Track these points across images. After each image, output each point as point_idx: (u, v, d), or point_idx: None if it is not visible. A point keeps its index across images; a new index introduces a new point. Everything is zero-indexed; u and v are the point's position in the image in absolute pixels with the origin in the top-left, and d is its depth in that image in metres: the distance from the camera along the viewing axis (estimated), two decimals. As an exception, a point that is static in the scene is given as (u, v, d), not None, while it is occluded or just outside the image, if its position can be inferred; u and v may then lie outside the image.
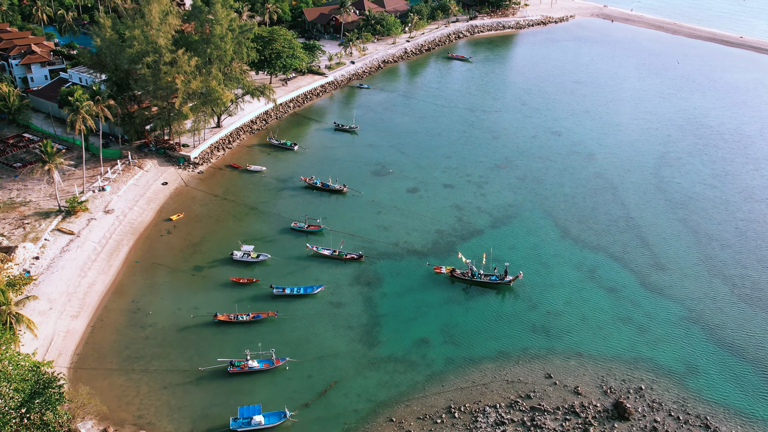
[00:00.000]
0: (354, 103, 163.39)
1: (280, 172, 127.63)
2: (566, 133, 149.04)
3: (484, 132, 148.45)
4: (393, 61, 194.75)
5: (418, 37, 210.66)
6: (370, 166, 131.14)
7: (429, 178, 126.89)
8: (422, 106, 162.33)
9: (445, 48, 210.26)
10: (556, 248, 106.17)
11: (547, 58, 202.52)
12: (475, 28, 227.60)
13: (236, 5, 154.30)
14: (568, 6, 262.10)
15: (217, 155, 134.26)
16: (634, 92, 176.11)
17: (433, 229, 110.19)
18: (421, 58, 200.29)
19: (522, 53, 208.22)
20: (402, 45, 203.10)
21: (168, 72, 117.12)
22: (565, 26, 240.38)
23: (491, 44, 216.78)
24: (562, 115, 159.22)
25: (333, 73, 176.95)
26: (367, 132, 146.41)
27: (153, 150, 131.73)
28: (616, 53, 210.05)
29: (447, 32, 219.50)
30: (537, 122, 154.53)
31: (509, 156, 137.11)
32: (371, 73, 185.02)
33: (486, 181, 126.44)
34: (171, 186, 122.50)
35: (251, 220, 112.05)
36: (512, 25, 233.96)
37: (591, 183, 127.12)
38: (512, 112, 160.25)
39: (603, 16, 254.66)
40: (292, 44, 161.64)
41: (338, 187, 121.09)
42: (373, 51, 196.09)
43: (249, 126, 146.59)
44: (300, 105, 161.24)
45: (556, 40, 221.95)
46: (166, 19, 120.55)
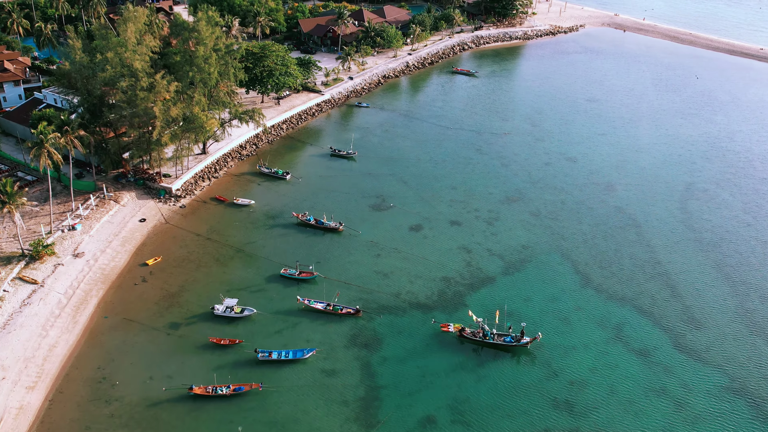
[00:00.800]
0: (352, 124, 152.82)
1: (270, 206, 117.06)
2: (582, 160, 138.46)
3: (493, 158, 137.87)
4: (394, 76, 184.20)
5: (421, 49, 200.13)
6: (369, 198, 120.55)
7: (433, 213, 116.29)
8: (425, 127, 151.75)
9: (449, 61, 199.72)
10: (577, 300, 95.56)
11: (557, 73, 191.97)
12: (481, 39, 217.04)
13: (222, 21, 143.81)
14: (577, 15, 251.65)
15: (201, 186, 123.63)
16: (653, 112, 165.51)
17: (438, 276, 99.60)
18: (423, 73, 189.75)
19: (530, 67, 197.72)
20: (403, 58, 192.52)
21: (145, 98, 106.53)
22: (575, 37, 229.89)
23: (498, 57, 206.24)
24: (577, 138, 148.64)
25: (330, 91, 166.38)
26: (366, 158, 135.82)
27: (131, 181, 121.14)
28: (630, 67, 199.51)
29: (451, 44, 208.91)
30: (549, 147, 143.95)
31: (521, 187, 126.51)
32: (371, 89, 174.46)
33: (496, 217, 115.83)
34: (149, 223, 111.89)
35: (237, 264, 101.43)
36: (519, 35, 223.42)
37: (612, 219, 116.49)
38: (522, 134, 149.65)
39: (614, 25, 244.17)
40: (285, 61, 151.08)
41: (333, 225, 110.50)
42: (372, 65, 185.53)
43: (238, 152, 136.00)
44: (294, 126, 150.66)
45: (567, 53, 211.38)
46: (143, 39, 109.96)
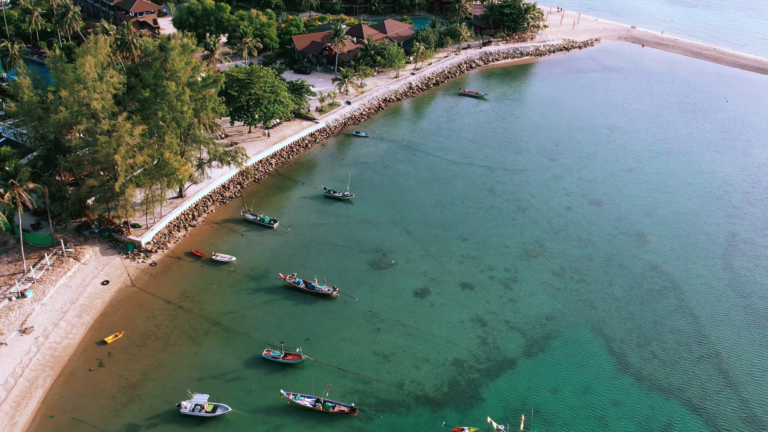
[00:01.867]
0: (349, 157, 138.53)
1: (253, 264, 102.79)
2: (607, 203, 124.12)
3: (508, 201, 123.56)
4: (395, 99, 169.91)
5: (425, 68, 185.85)
6: (367, 253, 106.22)
7: (441, 272, 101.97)
8: (430, 162, 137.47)
9: (455, 81, 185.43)
10: (613, 391, 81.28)
11: (573, 95, 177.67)
12: (489, 55, 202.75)
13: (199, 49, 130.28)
14: (591, 27, 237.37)
15: (176, 237, 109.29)
16: (682, 142, 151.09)
17: (449, 358, 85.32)
18: (428, 95, 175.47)
19: (544, 88, 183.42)
20: (406, 79, 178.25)
21: (106, 143, 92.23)
22: (590, 52, 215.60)
23: (508, 76, 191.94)
24: (600, 175, 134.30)
25: (325, 118, 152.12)
26: (364, 201, 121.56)
27: (96, 232, 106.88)
28: (653, 88, 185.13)
29: (457, 61, 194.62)
30: (570, 186, 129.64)
31: (540, 238, 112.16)
32: (370, 115, 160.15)
33: (514, 278, 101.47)
34: (113, 286, 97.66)
35: (211, 343, 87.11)
36: (531, 51, 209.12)
37: (647, 280, 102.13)
38: (539, 170, 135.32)
39: (632, 39, 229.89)
40: (274, 87, 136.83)
41: (326, 290, 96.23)
42: (372, 87, 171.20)
43: (220, 193, 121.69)
44: (284, 161, 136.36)
45: (582, 71, 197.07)
46: (104, 74, 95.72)
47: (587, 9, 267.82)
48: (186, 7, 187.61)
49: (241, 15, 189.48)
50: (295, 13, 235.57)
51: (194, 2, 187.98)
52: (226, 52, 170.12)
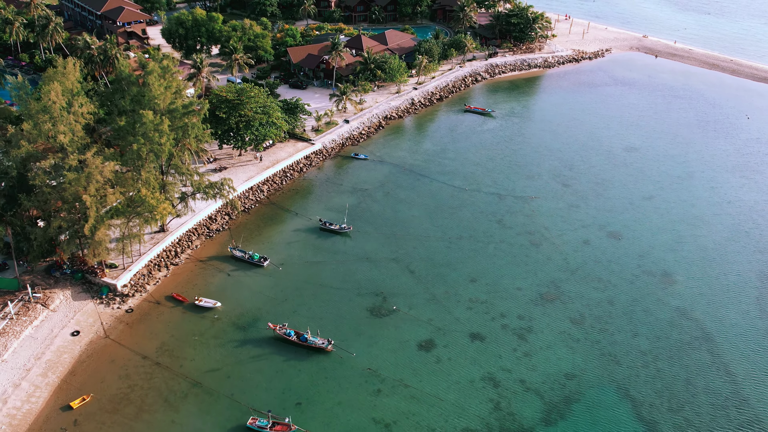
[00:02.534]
0: (347, 183, 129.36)
1: (240, 310, 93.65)
2: (627, 236, 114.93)
3: (519, 233, 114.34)
4: (397, 117, 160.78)
5: (428, 82, 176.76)
6: (367, 297, 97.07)
7: (448, 320, 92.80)
8: (435, 188, 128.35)
9: (460, 96, 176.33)
10: (645, 469, 72.12)
11: (586, 112, 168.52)
12: (496, 68, 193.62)
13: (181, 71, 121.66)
14: (602, 37, 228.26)
15: (156, 278, 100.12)
16: (704, 166, 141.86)
17: (458, 427, 76.07)
18: (431, 111, 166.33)
19: (554, 104, 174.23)
20: (408, 94, 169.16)
21: (75, 181, 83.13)
22: (601, 63, 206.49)
23: (516, 90, 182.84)
24: (618, 203, 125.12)
25: (321, 138, 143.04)
26: (363, 234, 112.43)
27: (67, 273, 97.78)
28: (669, 104, 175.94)
29: (462, 75, 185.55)
30: (586, 216, 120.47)
31: (556, 278, 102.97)
32: (370, 134, 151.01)
33: (529, 327, 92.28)
34: (84, 337, 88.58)
35: (190, 408, 77.95)
36: (539, 63, 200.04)
37: (675, 329, 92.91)
38: (552, 198, 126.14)
39: (644, 49, 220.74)
40: (266, 108, 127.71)
41: (320, 344, 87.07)
42: (372, 103, 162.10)
43: (206, 226, 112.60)
44: (277, 187, 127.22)
45: (594, 85, 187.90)
46: (74, 101, 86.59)
47: (596, 17, 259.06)
48: (175, 17, 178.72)
49: (233, 26, 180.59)
50: (291, 21, 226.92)
51: (184, 13, 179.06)
52: (216, 66, 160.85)
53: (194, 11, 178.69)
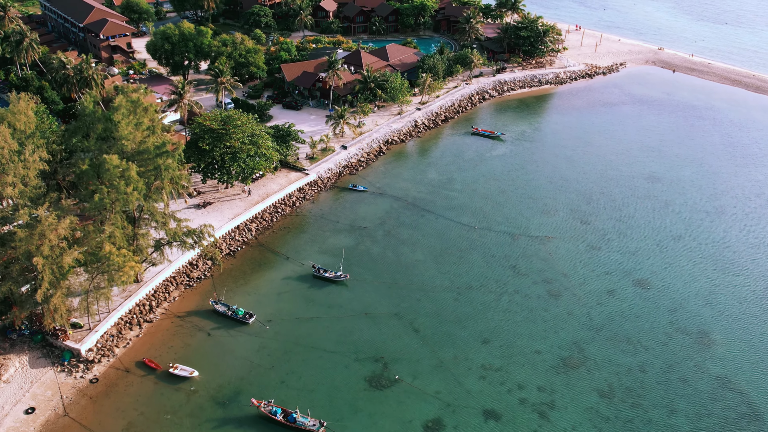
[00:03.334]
0: (344, 220, 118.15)
1: (220, 380, 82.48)
2: (656, 285, 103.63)
3: (536, 282, 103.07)
4: (399, 140, 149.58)
5: (432, 101, 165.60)
6: (365, 363, 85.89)
7: (458, 394, 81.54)
8: (441, 226, 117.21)
9: (467, 116, 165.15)
10: None
11: (603, 135, 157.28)
12: (504, 84, 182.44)
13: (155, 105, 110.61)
14: (615, 49, 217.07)
15: (127, 339, 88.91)
16: (736, 199, 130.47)
17: None
18: (435, 135, 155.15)
19: (568, 126, 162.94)
20: (411, 115, 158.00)
21: (25, 239, 71.95)
22: (615, 79, 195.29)
23: (526, 109, 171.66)
24: (644, 245, 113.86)
25: (317, 167, 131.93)
26: (362, 284, 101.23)
27: (25, 334, 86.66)
28: (692, 126, 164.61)
29: (468, 92, 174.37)
30: (609, 260, 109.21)
31: (579, 338, 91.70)
32: (369, 161, 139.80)
33: (551, 402, 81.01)
34: (40, 415, 77.45)
35: None
36: (550, 79, 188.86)
37: (718, 405, 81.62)
38: (571, 238, 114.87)
39: (661, 63, 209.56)
40: (255, 138, 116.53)
41: (311, 426, 75.87)
42: (371, 126, 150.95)
43: (185, 274, 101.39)
44: (267, 224, 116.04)
45: (610, 103, 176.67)
46: (27, 144, 75.43)
47: (608, 27, 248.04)
48: (161, 31, 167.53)
49: (223, 40, 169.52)
50: (287, 33, 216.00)
51: (170, 27, 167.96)
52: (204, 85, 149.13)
53: (181, 25, 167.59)
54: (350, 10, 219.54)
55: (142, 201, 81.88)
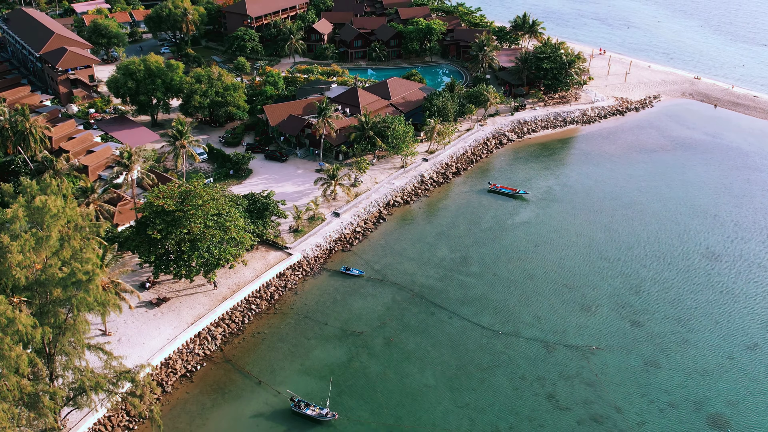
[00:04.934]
0: (333, 323, 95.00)
1: None
2: (738, 423, 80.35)
3: (581, 422, 79.77)
4: (402, 201, 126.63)
5: (442, 149, 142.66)
6: None
7: None
8: (455, 329, 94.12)
9: (482, 167, 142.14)
10: None
11: (643, 192, 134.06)
12: (524, 125, 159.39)
13: (87, 182, 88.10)
14: (646, 79, 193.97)
15: None
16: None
17: None
18: (445, 192, 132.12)
19: (601, 180, 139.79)
20: (417, 167, 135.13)
21: None
22: (650, 116, 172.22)
23: (550, 157, 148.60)
24: (712, 358, 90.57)
25: (302, 243, 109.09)
26: (355, 425, 78.29)
27: None
28: (749, 181, 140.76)
29: (484, 136, 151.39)
30: (671, 384, 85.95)
31: None
32: (366, 232, 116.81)
33: None
34: None
35: None
36: (576, 117, 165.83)
37: None
38: (620, 349, 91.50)
39: (699, 96, 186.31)
40: (222, 218, 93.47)
41: None
42: (370, 184, 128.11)
43: (124, 411, 78.15)
44: (236, 329, 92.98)
45: (647, 149, 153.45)
46: None
47: (634, 50, 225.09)
48: (124, 66, 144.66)
49: (198, 75, 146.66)
50: (275, 59, 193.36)
51: (135, 61, 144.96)
52: (166, 150, 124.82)
53: (147, 59, 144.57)
54: (347, 34, 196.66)
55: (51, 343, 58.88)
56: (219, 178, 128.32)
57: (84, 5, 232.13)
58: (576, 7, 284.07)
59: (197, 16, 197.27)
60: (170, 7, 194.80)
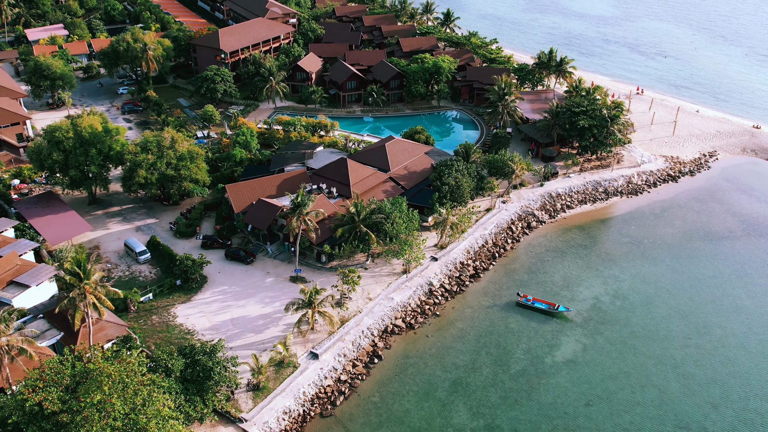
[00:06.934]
0: None
1: None
2: None
3: None
4: (405, 326, 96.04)
5: (455, 242, 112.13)
6: None
7: None
8: None
9: (507, 264, 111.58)
10: None
11: (719, 310, 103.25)
12: (557, 199, 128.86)
13: None
14: (697, 128, 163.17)
15: None
16: None
17: None
18: (461, 308, 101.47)
19: (661, 283, 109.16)
20: (423, 272, 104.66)
21: None
22: (709, 182, 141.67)
23: (592, 247, 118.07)
24: None
25: (264, 408, 78.67)
26: None
27: None
28: None
29: (508, 218, 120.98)
30: None
31: None
32: (355, 382, 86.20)
33: None
34: None
35: None
36: (620, 186, 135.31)
37: None
38: None
39: (763, 153, 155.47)
40: (136, 417, 62.66)
41: None
42: (361, 302, 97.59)
43: None
44: None
45: (714, 236, 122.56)
46: None
47: (675, 87, 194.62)
48: (49, 131, 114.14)
49: (144, 142, 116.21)
50: (253, 103, 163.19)
51: (63, 125, 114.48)
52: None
53: (79, 123, 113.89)
54: (339, 73, 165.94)
55: None
56: (162, 293, 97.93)
57: (38, 32, 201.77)
58: (600, 31, 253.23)
59: (161, 51, 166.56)
60: (129, 40, 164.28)
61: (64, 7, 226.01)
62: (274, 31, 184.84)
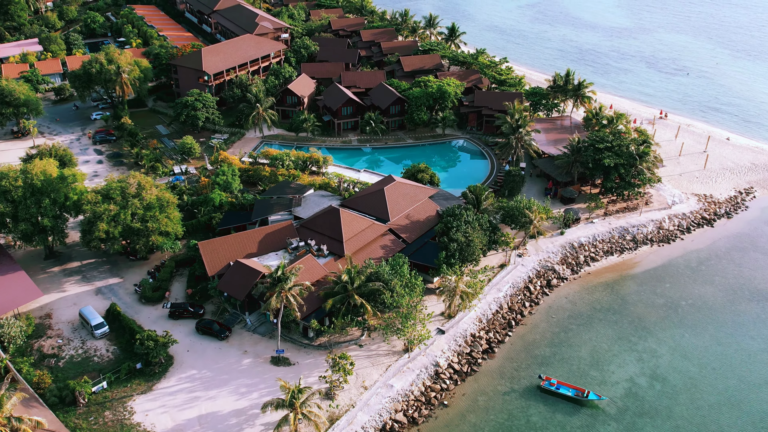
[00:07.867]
0: None
1: None
2: None
3: None
4: (407, 422, 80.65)
5: (464, 311, 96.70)
6: None
7: None
8: None
9: (525, 335, 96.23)
10: None
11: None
12: (579, 251, 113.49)
13: None
14: (729, 160, 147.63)
15: None
16: None
17: None
18: (474, 395, 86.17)
19: (705, 359, 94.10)
20: (428, 349, 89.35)
21: None
22: (749, 227, 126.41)
23: (623, 311, 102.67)
24: None
25: None
26: None
27: None
28: None
29: (524, 276, 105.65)
30: None
31: None
32: (347, 500, 71.07)
33: None
34: None
35: None
36: (650, 233, 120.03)
37: None
38: None
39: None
40: None
41: None
42: (355, 392, 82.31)
43: None
44: None
45: (759, 294, 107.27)
46: None
47: (700, 110, 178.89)
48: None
49: (107, 189, 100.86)
50: (238, 132, 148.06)
51: (11, 172, 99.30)
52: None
53: (30, 169, 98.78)
54: (333, 98, 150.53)
55: None
56: (118, 380, 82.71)
57: (9, 47, 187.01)
58: (615, 45, 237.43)
59: (137, 73, 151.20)
60: (102, 61, 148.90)
61: (42, 18, 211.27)
62: (264, 49, 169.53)
